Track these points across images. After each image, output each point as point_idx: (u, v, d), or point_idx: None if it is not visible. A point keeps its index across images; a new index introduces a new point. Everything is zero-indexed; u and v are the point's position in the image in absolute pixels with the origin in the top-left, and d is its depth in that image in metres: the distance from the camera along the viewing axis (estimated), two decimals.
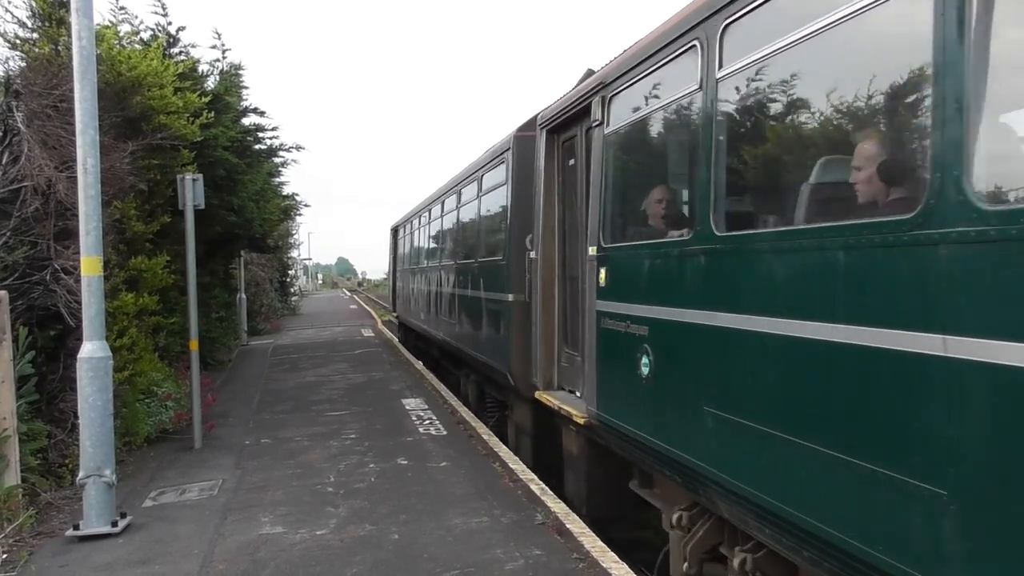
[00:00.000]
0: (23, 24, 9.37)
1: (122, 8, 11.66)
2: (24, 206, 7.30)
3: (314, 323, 29.07)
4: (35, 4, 9.24)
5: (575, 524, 5.75)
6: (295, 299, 42.23)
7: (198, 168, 10.28)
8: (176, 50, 11.94)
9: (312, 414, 10.50)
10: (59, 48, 8.57)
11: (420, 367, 14.95)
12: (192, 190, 8.59)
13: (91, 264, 6.01)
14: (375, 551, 5.37)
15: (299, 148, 16.25)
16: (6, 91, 7.79)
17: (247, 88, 13.79)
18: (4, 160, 7.47)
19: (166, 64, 9.88)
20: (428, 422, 9.67)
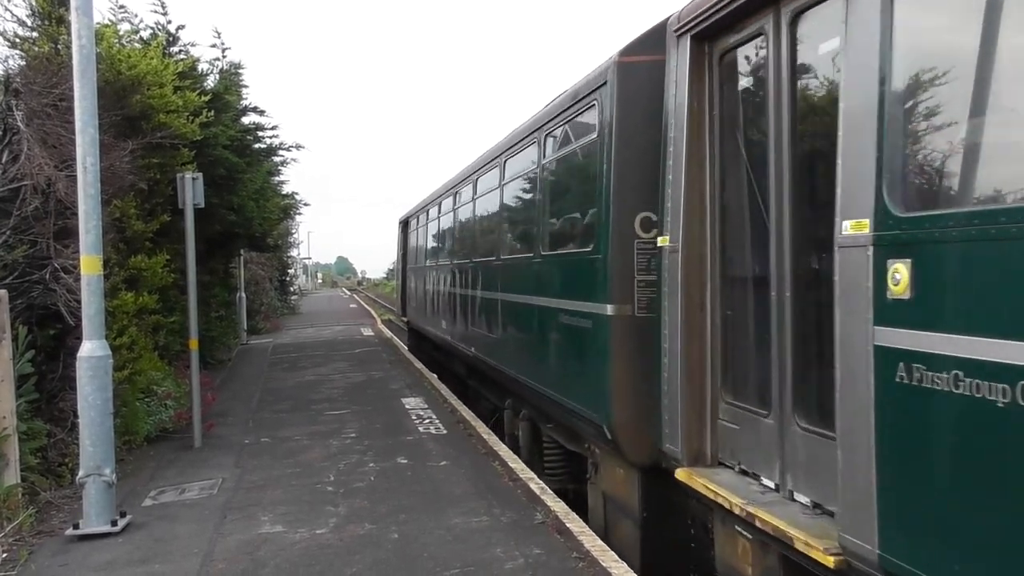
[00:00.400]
0: (23, 23, 9.38)
1: (122, 7, 11.63)
2: (24, 205, 7.30)
3: (314, 322, 29.06)
4: (35, 3, 9.24)
5: (575, 523, 5.76)
6: (295, 298, 42.29)
7: (198, 167, 10.27)
8: (176, 49, 11.94)
9: (312, 413, 10.50)
10: (59, 47, 8.56)
11: (420, 366, 14.95)
12: (192, 189, 8.59)
13: (91, 263, 6.01)
14: (375, 550, 5.37)
15: (299, 147, 16.31)
16: (6, 90, 7.78)
17: (247, 87, 13.82)
18: (4, 159, 7.47)
19: (166, 63, 9.89)
20: (428, 421, 9.67)
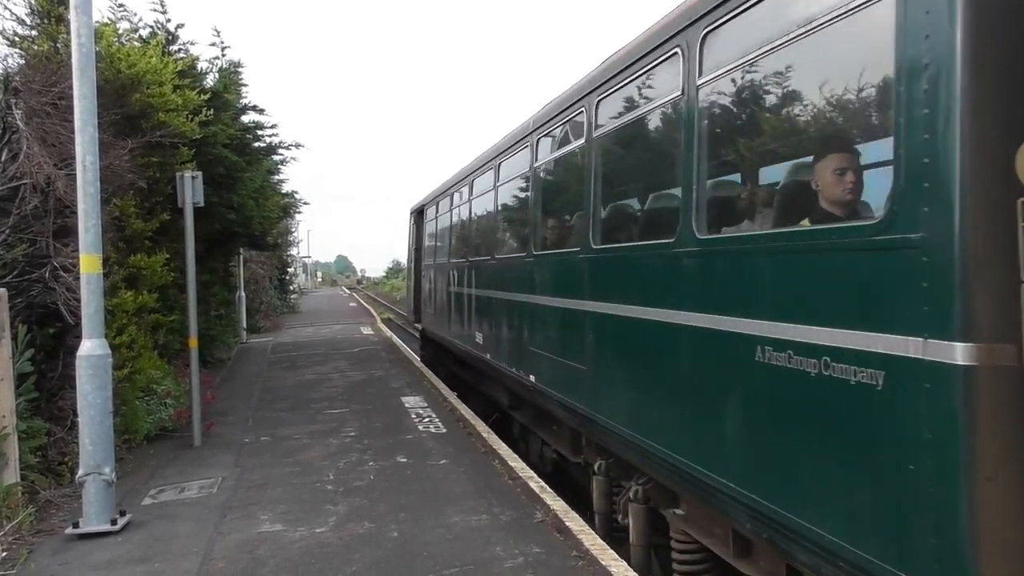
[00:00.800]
0: (22, 21, 9.36)
1: (121, 5, 11.60)
2: (23, 203, 7.29)
3: (313, 321, 29.05)
4: (34, 1, 9.23)
5: (574, 522, 5.76)
6: (294, 297, 42.28)
7: (197, 166, 10.27)
8: (175, 47, 11.91)
9: (311, 412, 10.50)
10: (58, 45, 8.55)
11: (419, 365, 14.95)
12: (191, 188, 8.58)
13: (90, 262, 6.00)
14: (374, 549, 5.37)
15: (298, 146, 16.28)
16: (5, 88, 7.77)
17: (246, 85, 13.79)
18: (3, 157, 7.46)
19: (165, 62, 9.88)
20: (428, 420, 9.67)
